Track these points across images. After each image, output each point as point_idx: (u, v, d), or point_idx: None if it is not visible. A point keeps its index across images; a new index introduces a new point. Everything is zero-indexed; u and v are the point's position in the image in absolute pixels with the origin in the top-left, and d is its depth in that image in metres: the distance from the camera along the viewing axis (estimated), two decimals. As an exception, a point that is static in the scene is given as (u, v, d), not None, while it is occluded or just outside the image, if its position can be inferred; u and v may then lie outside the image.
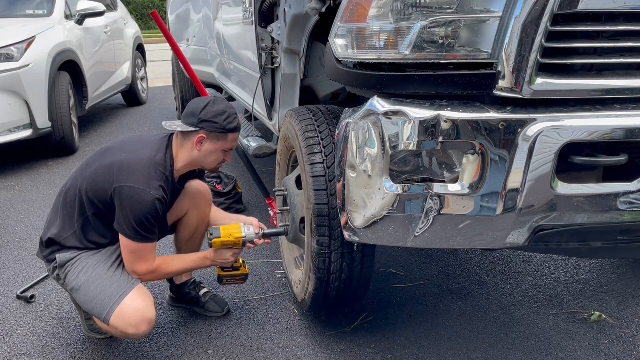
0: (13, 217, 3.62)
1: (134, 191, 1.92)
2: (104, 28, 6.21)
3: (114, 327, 1.96)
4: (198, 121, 2.02)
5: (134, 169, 1.96)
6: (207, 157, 2.09)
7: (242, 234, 2.14)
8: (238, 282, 2.33)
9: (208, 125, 2.03)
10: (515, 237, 1.56)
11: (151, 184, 1.95)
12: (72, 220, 2.06)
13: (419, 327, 2.34)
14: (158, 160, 2.02)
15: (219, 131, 2.04)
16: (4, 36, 4.53)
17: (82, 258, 2.05)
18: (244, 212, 3.62)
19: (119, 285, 1.99)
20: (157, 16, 3.09)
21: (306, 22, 2.23)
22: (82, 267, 2.03)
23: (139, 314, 1.94)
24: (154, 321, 1.99)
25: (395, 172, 1.54)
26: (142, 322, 1.94)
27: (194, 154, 2.07)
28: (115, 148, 2.11)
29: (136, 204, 1.91)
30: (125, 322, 1.93)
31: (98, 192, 1.99)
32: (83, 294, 2.02)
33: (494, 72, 1.45)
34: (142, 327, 1.95)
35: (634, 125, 1.46)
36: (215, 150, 2.08)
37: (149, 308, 1.97)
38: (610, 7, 1.42)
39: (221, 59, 4.11)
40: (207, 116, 2.02)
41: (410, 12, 1.49)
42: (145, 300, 1.99)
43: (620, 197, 1.51)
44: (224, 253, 2.15)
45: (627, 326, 2.35)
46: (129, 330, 1.94)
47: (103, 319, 1.97)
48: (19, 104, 4.45)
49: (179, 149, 2.09)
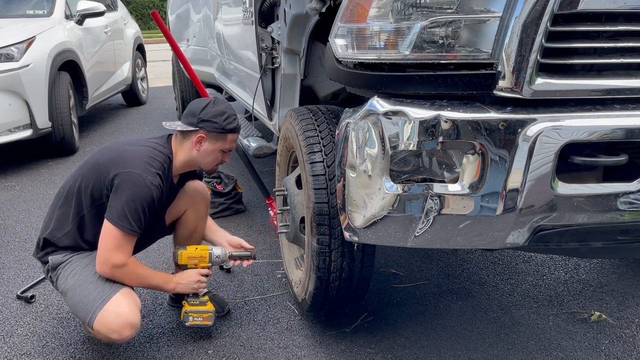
0: (13, 217, 3.62)
1: (130, 175, 1.93)
2: (104, 28, 6.21)
3: (97, 332, 1.96)
4: (198, 121, 2.05)
5: (132, 157, 1.99)
6: (205, 157, 2.10)
7: (208, 249, 2.19)
8: (205, 322, 2.17)
9: (207, 125, 2.05)
10: (515, 237, 1.56)
11: (148, 170, 1.97)
12: (67, 219, 2.06)
13: (419, 327, 2.34)
14: (156, 154, 2.04)
15: (218, 131, 2.06)
16: (4, 36, 4.53)
17: (72, 260, 2.05)
18: (244, 212, 3.63)
19: (102, 289, 1.96)
20: (157, 16, 3.09)
21: (306, 22, 2.23)
22: (71, 270, 2.03)
23: (121, 319, 1.92)
24: (137, 325, 1.96)
25: (395, 172, 1.54)
26: (125, 327, 1.92)
27: (193, 153, 2.09)
28: (114, 146, 2.14)
29: (131, 187, 1.92)
30: (108, 327, 1.91)
31: (97, 184, 2.01)
32: (70, 298, 2.01)
33: (494, 72, 1.45)
34: (124, 332, 1.92)
35: (634, 125, 1.46)
36: (213, 150, 2.10)
37: (132, 312, 1.94)
38: (610, 7, 1.42)
39: (221, 59, 4.11)
40: (207, 116, 2.05)
41: (410, 12, 1.49)
42: (128, 304, 1.95)
43: (620, 197, 1.51)
44: (190, 273, 2.14)
45: (627, 326, 2.35)
46: (112, 336, 1.93)
47: (87, 323, 1.96)
48: (19, 104, 4.45)
49: (177, 148, 2.11)
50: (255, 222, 3.47)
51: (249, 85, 3.33)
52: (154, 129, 6.09)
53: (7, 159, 4.88)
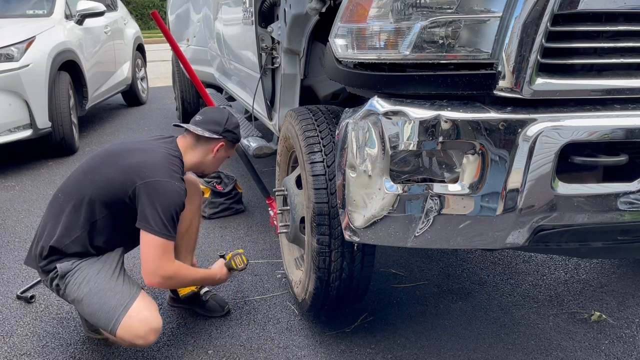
0: (13, 217, 3.62)
1: (160, 184, 1.95)
2: (104, 28, 6.21)
3: (121, 338, 1.96)
4: (223, 130, 2.20)
5: (155, 165, 2.00)
6: (216, 162, 2.26)
7: None
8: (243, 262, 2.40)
9: (230, 135, 2.22)
10: (515, 237, 1.56)
11: (174, 176, 2.01)
12: (77, 226, 2.01)
13: (419, 327, 2.34)
14: (173, 159, 2.09)
15: (235, 141, 2.27)
16: (4, 36, 4.53)
17: (82, 267, 2.02)
18: (244, 212, 3.63)
19: (122, 296, 1.97)
20: (157, 16, 3.08)
21: (306, 22, 2.23)
22: (82, 278, 2.00)
23: (145, 325, 1.94)
24: (160, 329, 2.00)
25: (395, 172, 1.54)
26: (150, 332, 1.95)
27: (208, 158, 2.21)
28: (123, 152, 2.09)
29: (164, 196, 1.94)
30: (133, 333, 1.93)
31: (115, 195, 1.98)
32: (86, 306, 1.99)
33: (494, 72, 1.45)
34: (149, 338, 1.95)
35: (634, 125, 1.46)
36: (224, 157, 2.28)
37: (154, 317, 1.98)
38: (610, 7, 1.42)
39: (221, 59, 4.11)
40: (231, 127, 2.23)
41: (410, 12, 1.49)
42: (150, 309, 1.99)
43: (621, 197, 1.51)
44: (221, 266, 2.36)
45: (627, 326, 2.36)
46: (137, 342, 1.94)
47: (109, 330, 1.96)
48: (19, 104, 4.45)
49: (187, 151, 2.18)
50: (255, 222, 3.47)
51: (249, 85, 3.33)
52: (154, 129, 6.09)
53: (7, 159, 4.88)
